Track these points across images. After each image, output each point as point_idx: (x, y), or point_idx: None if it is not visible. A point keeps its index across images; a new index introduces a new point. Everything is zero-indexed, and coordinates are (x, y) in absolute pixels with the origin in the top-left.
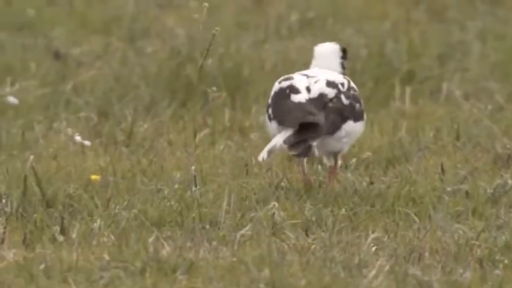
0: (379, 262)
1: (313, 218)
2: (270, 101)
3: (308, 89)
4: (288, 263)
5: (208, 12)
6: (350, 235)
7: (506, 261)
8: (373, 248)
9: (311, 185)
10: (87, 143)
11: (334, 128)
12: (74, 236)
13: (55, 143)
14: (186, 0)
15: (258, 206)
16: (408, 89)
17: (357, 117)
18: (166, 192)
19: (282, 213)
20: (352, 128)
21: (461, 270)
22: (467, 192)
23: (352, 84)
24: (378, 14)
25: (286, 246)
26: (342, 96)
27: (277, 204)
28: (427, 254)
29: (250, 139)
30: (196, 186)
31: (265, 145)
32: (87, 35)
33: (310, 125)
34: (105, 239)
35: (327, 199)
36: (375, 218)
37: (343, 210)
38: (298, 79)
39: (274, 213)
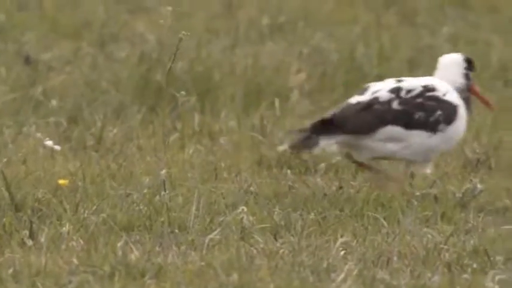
0: (347, 266)
1: (282, 223)
2: None
3: (367, 92)
4: (257, 267)
5: (178, 18)
6: (319, 239)
7: (474, 266)
8: (342, 252)
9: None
10: (57, 147)
11: (365, 129)
12: (42, 240)
13: (24, 148)
14: (156, 5)
15: (227, 211)
16: None
17: (414, 125)
18: (135, 196)
19: (250, 218)
20: (397, 134)
21: (429, 275)
22: (436, 197)
23: (435, 94)
24: (349, 19)
25: (254, 251)
26: (395, 102)
27: (246, 209)
28: (395, 258)
29: (219, 143)
30: (165, 191)
31: (234, 149)
32: (57, 39)
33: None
34: (74, 244)
35: (296, 204)
36: (343, 223)
37: (312, 214)
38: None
39: (243, 217)
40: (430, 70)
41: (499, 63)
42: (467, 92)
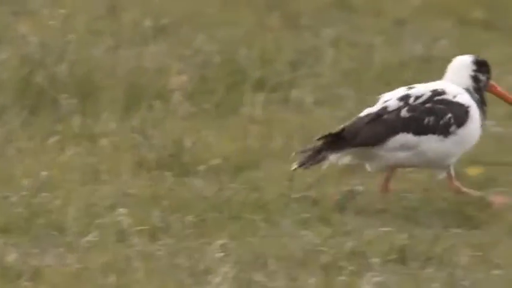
0: (224, 269)
1: (161, 225)
2: None
3: (378, 103)
4: (134, 270)
5: (62, 19)
6: (197, 241)
7: (351, 268)
8: (219, 255)
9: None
10: None
11: (376, 140)
12: None
13: None
14: (39, 7)
15: (105, 213)
16: (259, 96)
17: (424, 131)
18: (14, 199)
19: (129, 220)
20: (408, 141)
21: (306, 277)
22: (314, 199)
23: (445, 97)
24: (231, 21)
25: (132, 253)
26: (403, 110)
27: (124, 211)
28: (272, 260)
29: (99, 145)
30: (44, 193)
31: (114, 151)
32: None
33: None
34: None
35: (175, 206)
36: (222, 225)
37: (191, 216)
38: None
39: (121, 219)
40: (312, 72)
41: (381, 65)
42: (479, 94)
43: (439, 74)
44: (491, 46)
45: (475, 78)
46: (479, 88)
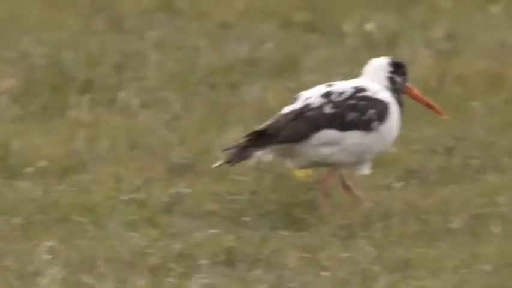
0: (52, 271)
1: None
2: None
3: (299, 100)
4: None
5: None
6: (24, 244)
7: (180, 270)
8: (47, 257)
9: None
10: None
11: (299, 136)
12: None
13: None
14: None
15: None
16: (85, 98)
17: (348, 126)
18: None
19: None
20: (332, 137)
21: (134, 278)
22: (142, 201)
23: (366, 94)
24: (57, 24)
25: None
26: (326, 106)
27: None
28: (101, 262)
29: None
30: None
31: None
32: None
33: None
34: None
35: (2, 208)
36: (49, 227)
37: (19, 219)
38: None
39: None
40: (137, 75)
41: (206, 68)
42: (396, 95)
43: (264, 76)
44: (315, 48)
45: (391, 80)
46: (396, 89)
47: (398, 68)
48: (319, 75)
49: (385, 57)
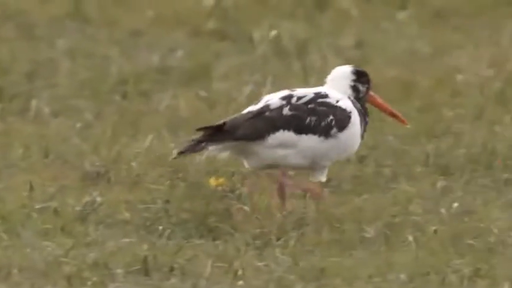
0: None
1: None
2: None
3: (260, 102)
4: None
5: None
6: None
7: (94, 278)
8: None
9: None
10: None
11: (256, 135)
12: None
13: None
14: None
15: None
16: None
17: (305, 130)
18: None
19: None
20: (288, 138)
21: (50, 287)
22: (55, 210)
23: (327, 100)
24: None
25: None
26: (285, 108)
27: None
28: (15, 271)
29: None
30: None
31: None
32: None
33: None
34: None
35: None
36: None
37: None
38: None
39: None
40: (48, 83)
41: (118, 76)
42: (360, 104)
43: (175, 85)
44: (226, 56)
45: (354, 88)
46: (359, 98)
47: (361, 77)
48: (230, 83)
49: (348, 66)
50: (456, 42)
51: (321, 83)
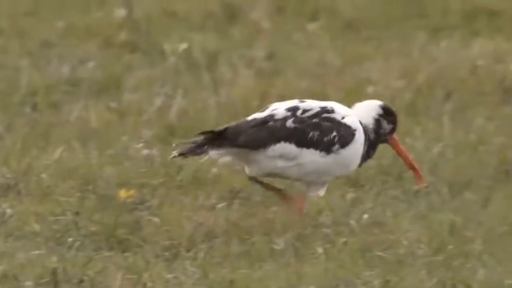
0: None
1: None
2: None
3: (266, 110)
4: None
5: None
6: None
7: None
8: None
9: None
10: None
11: (258, 144)
12: None
13: None
14: None
15: None
16: None
17: (307, 144)
18: None
19: None
20: (289, 151)
21: None
22: None
23: (333, 116)
24: None
25: None
26: (289, 120)
27: None
28: None
29: None
30: None
31: None
32: None
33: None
34: None
35: None
36: None
37: None
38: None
39: None
40: None
41: (28, 88)
42: (376, 135)
43: (86, 96)
44: (136, 68)
45: (377, 122)
46: (379, 134)
47: (388, 115)
48: (141, 94)
49: (379, 101)
50: (367, 53)
51: (231, 94)
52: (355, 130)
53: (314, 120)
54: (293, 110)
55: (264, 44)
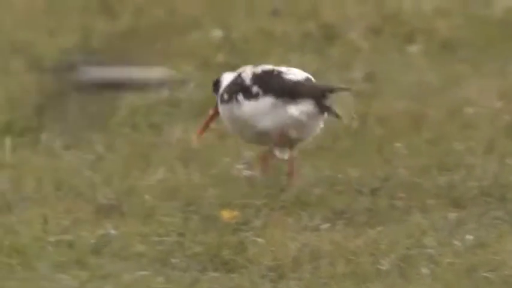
0: None
1: None
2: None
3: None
4: None
5: None
6: None
7: None
8: None
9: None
10: None
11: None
12: None
13: None
14: None
15: None
16: (8, 140)
17: None
18: None
19: None
20: None
21: None
22: (70, 243)
23: None
24: None
25: None
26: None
27: None
28: None
29: None
30: None
31: None
32: None
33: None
34: None
35: None
36: None
37: None
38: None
39: None
40: (60, 116)
41: (128, 108)
42: None
43: (186, 117)
44: None
45: None
46: None
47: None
48: None
49: None
50: (464, 74)
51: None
52: None
53: None
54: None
55: (362, 65)
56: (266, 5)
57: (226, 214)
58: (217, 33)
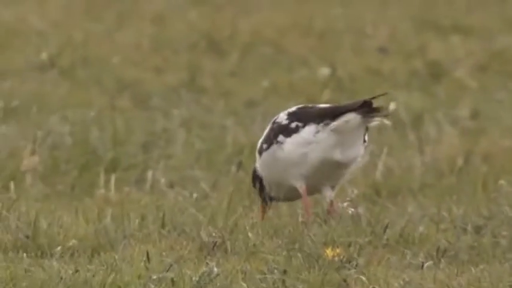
0: None
1: None
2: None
3: None
4: None
5: None
6: None
7: None
8: None
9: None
10: None
11: None
12: None
13: None
14: None
15: None
16: (113, 177)
17: None
18: None
19: None
20: None
21: None
22: (172, 280)
23: None
24: (83, 103)
25: None
26: None
27: None
28: None
29: None
30: None
31: None
32: None
33: None
34: None
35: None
36: None
37: None
38: None
39: None
40: (164, 153)
41: (233, 147)
42: None
43: None
44: None
45: None
46: None
47: None
48: None
49: None
50: None
51: (436, 153)
52: None
53: None
54: None
55: (468, 103)
56: (373, 43)
57: (329, 252)
58: (324, 71)
